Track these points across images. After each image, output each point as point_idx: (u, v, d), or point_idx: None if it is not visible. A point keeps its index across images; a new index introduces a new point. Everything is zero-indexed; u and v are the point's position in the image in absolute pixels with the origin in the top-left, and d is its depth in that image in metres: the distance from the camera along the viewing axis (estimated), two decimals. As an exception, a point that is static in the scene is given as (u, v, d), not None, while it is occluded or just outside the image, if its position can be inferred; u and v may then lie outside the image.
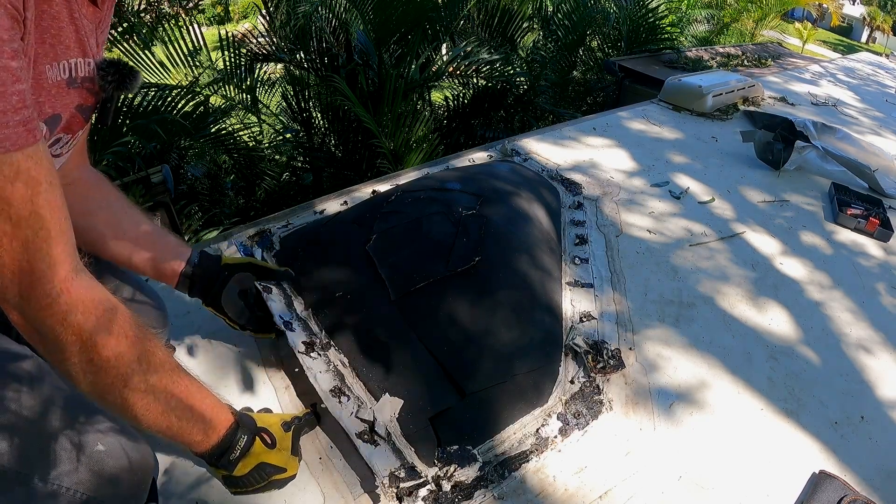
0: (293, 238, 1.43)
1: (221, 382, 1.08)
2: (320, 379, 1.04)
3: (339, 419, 0.97)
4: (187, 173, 3.42)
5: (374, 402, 1.02)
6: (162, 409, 0.65)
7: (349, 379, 1.06)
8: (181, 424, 0.68)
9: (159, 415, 0.65)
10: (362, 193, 1.69)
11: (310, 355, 1.09)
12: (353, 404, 1.01)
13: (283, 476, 0.82)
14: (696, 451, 1.06)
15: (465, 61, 3.92)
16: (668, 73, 3.47)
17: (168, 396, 0.66)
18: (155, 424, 0.66)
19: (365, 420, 0.98)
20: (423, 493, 0.90)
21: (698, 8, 6.98)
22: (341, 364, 1.09)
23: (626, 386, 1.16)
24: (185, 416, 0.68)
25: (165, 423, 0.66)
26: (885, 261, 1.74)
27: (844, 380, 1.27)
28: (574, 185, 1.85)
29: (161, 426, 0.66)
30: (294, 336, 1.11)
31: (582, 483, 0.97)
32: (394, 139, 3.04)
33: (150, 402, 0.64)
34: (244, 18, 14.10)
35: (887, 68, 4.96)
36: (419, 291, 1.19)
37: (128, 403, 0.63)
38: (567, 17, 4.58)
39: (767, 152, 2.24)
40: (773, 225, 1.83)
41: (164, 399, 0.65)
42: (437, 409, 1.02)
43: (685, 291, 1.46)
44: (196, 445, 0.72)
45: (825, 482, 1.01)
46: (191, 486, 0.89)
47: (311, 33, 3.66)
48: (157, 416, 0.65)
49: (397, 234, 1.33)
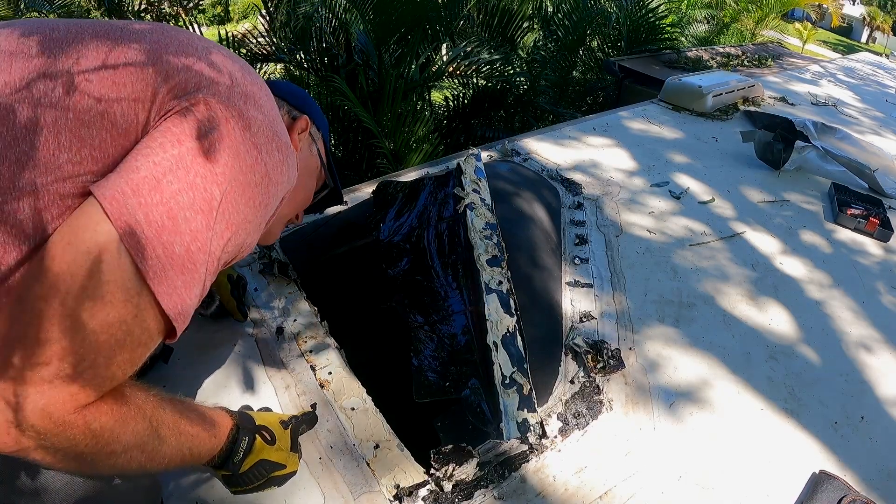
0: (293, 238, 1.43)
1: (221, 382, 1.08)
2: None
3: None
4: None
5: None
6: (174, 454, 0.66)
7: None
8: (192, 453, 0.70)
9: (171, 459, 0.67)
10: (362, 193, 1.69)
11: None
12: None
13: (282, 473, 0.82)
14: (697, 451, 1.06)
15: (465, 61, 3.92)
16: (668, 73, 3.47)
17: (177, 440, 0.67)
18: (170, 467, 0.67)
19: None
20: (423, 492, 0.90)
21: (698, 8, 6.99)
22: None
23: (626, 386, 1.16)
24: (193, 448, 0.70)
25: (179, 460, 0.68)
26: (885, 260, 1.74)
27: (844, 380, 1.27)
28: (574, 184, 1.85)
29: (175, 464, 0.68)
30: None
31: (582, 483, 0.97)
32: (394, 139, 3.04)
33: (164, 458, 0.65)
34: (244, 18, 14.10)
35: (887, 68, 4.96)
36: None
37: (146, 468, 0.64)
38: (567, 17, 4.58)
39: (767, 152, 2.24)
40: (773, 225, 1.83)
41: (174, 444, 0.66)
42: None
43: (685, 291, 1.46)
44: (205, 460, 0.73)
45: (825, 482, 1.01)
46: (191, 486, 0.89)
47: (311, 33, 3.66)
48: (169, 459, 0.66)
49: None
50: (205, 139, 0.61)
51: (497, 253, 1.24)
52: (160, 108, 0.62)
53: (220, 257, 0.64)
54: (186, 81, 0.64)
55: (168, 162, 0.59)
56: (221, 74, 0.68)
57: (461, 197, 1.36)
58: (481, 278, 1.18)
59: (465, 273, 1.27)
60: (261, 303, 1.24)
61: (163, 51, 0.66)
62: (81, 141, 0.58)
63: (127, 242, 0.55)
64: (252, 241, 0.72)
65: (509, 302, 1.15)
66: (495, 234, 1.29)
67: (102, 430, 0.56)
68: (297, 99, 0.91)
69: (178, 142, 0.60)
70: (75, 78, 0.59)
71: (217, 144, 0.62)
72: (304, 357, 1.12)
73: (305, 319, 1.20)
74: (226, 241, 0.64)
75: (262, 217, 0.70)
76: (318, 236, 1.49)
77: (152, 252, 0.56)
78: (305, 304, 1.24)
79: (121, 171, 0.58)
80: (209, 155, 0.61)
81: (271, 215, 0.74)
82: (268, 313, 1.21)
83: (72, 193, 0.57)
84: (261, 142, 0.66)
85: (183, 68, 0.65)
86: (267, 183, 0.67)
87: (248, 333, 1.17)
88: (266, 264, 1.31)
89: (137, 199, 0.56)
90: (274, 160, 0.68)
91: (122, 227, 0.55)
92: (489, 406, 1.04)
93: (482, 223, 1.31)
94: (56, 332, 0.52)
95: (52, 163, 0.56)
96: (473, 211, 1.33)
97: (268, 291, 1.27)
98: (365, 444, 0.97)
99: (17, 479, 0.62)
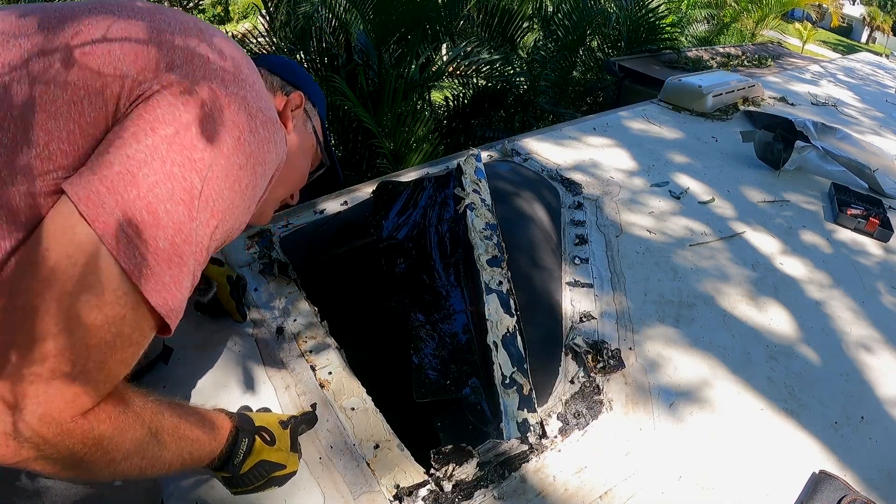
0: (293, 238, 1.43)
1: (221, 382, 1.08)
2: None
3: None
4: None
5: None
6: (174, 459, 0.66)
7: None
8: (192, 458, 0.69)
9: (172, 464, 0.66)
10: (362, 193, 1.69)
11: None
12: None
13: (282, 473, 0.82)
14: (697, 451, 1.06)
15: (465, 61, 3.92)
16: (668, 73, 3.47)
17: (178, 445, 0.66)
18: (170, 471, 0.66)
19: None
20: (423, 492, 0.90)
21: (698, 8, 6.99)
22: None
23: (626, 386, 1.16)
24: (193, 453, 0.69)
25: (179, 465, 0.67)
26: (885, 260, 1.74)
27: (844, 380, 1.27)
28: (574, 184, 1.85)
29: (175, 469, 0.67)
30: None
31: (582, 483, 0.97)
32: (394, 139, 3.04)
33: (164, 463, 0.65)
34: (244, 18, 14.09)
35: (887, 68, 4.95)
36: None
37: (147, 473, 0.63)
38: (567, 17, 4.58)
39: (767, 152, 2.24)
40: (773, 225, 1.83)
41: (175, 449, 0.65)
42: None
43: (685, 291, 1.46)
44: (205, 463, 0.73)
45: (825, 482, 1.01)
46: (191, 486, 0.89)
47: (311, 33, 3.66)
48: (170, 465, 0.66)
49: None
50: (178, 124, 0.58)
51: (497, 253, 1.24)
52: (130, 93, 0.58)
53: (208, 246, 0.61)
54: (157, 61, 0.60)
55: (142, 154, 0.56)
56: (194, 51, 0.63)
57: (461, 197, 1.36)
58: (481, 278, 1.18)
59: (465, 273, 1.27)
60: (261, 303, 1.24)
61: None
62: (66, 121, 0.56)
63: (108, 244, 0.53)
64: (241, 223, 0.68)
65: (509, 302, 1.15)
66: (495, 234, 1.29)
67: (102, 437, 0.55)
68: (291, 73, 0.86)
69: (151, 130, 0.57)
70: (68, 54, 0.57)
71: (193, 129, 0.58)
72: (304, 357, 1.12)
73: (305, 319, 1.20)
74: (212, 228, 0.61)
75: (250, 199, 0.66)
76: (318, 236, 1.49)
77: (135, 251, 0.54)
78: (305, 304, 1.24)
79: (94, 167, 0.55)
80: (185, 141, 0.57)
81: (261, 195, 0.70)
82: (268, 313, 1.21)
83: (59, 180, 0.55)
84: (242, 120, 0.62)
85: (161, 47, 0.61)
86: (252, 163, 0.64)
87: (248, 333, 1.17)
88: (266, 264, 1.31)
89: (114, 198, 0.54)
90: (258, 138, 0.64)
91: (101, 229, 0.53)
92: (489, 406, 1.04)
93: (482, 223, 1.31)
94: (49, 331, 0.51)
95: (42, 145, 0.55)
96: (474, 211, 1.33)
97: (268, 291, 1.27)
98: (365, 444, 0.97)
99: (18, 481, 0.62)
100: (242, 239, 1.42)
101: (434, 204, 1.45)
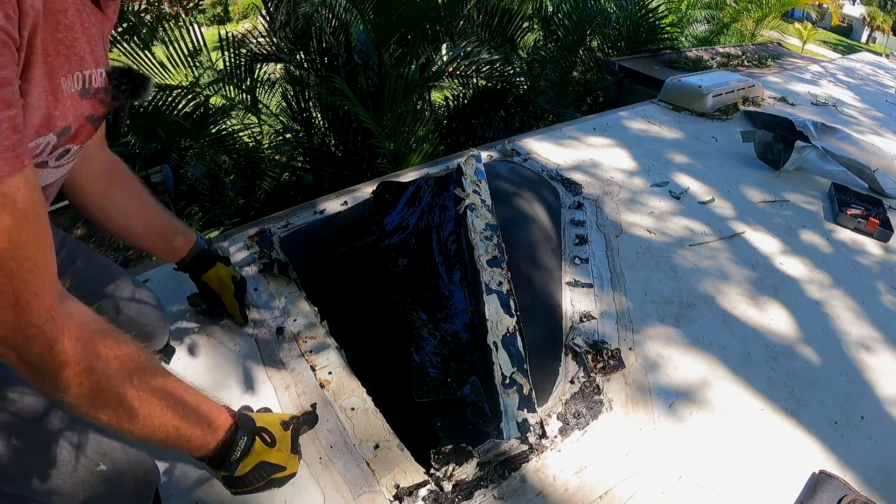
0: (293, 238, 1.43)
1: (221, 382, 1.08)
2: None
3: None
4: (187, 173, 3.42)
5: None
6: (159, 420, 0.65)
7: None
8: (180, 432, 0.68)
9: (157, 426, 0.65)
10: (362, 193, 1.69)
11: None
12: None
13: (283, 474, 0.82)
14: (697, 451, 1.06)
15: (465, 61, 3.92)
16: (668, 73, 3.47)
17: (164, 406, 0.65)
18: (154, 435, 0.66)
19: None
20: (423, 492, 0.91)
21: (698, 8, 6.99)
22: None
23: (626, 386, 1.16)
24: (183, 422, 0.68)
25: (163, 433, 0.66)
26: (885, 260, 1.74)
27: (844, 380, 1.27)
28: (574, 184, 1.85)
29: (160, 436, 0.66)
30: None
31: (582, 483, 0.97)
32: (394, 139, 3.04)
33: (147, 415, 0.64)
34: (244, 18, 14.09)
35: (887, 68, 4.95)
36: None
37: (124, 421, 0.62)
38: (567, 17, 4.58)
39: (767, 152, 2.24)
40: (773, 225, 1.83)
41: (160, 409, 0.65)
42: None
43: (685, 291, 1.46)
44: (197, 450, 0.72)
45: (825, 482, 1.01)
46: (191, 486, 0.89)
47: (311, 33, 3.66)
48: (154, 426, 0.65)
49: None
50: None
51: (497, 253, 1.24)
52: None
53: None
54: None
55: None
56: None
57: (462, 198, 1.37)
58: (481, 279, 1.18)
59: (465, 273, 1.27)
60: (261, 303, 1.24)
61: None
62: None
63: None
64: (11, 114, 0.53)
65: (509, 302, 1.15)
66: (495, 234, 1.29)
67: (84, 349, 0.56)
68: None
69: None
70: None
71: None
72: (304, 357, 1.12)
73: (305, 319, 1.21)
74: None
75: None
76: (318, 236, 1.50)
77: None
78: (305, 304, 1.24)
79: None
80: None
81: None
82: (268, 313, 1.21)
83: None
84: None
85: None
86: None
87: (248, 333, 1.17)
88: (266, 264, 1.31)
89: None
90: None
91: None
92: (489, 406, 1.04)
93: (482, 224, 1.31)
94: None
95: None
96: (474, 212, 1.33)
97: (268, 291, 1.27)
98: (365, 444, 0.97)
99: (29, 482, 0.62)
100: (243, 239, 1.42)
101: (434, 204, 1.45)
